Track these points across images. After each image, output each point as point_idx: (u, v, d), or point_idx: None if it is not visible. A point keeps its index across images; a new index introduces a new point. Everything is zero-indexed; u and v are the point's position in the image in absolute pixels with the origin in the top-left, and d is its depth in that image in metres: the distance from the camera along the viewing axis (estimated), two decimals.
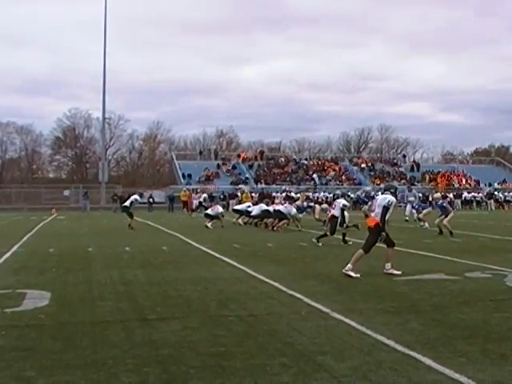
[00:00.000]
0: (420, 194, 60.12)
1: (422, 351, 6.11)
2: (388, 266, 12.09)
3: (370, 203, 16.60)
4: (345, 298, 9.33)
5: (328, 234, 18.94)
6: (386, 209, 11.94)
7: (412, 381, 5.28)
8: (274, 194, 53.04)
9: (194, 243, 18.96)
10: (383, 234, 11.96)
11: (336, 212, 19.16)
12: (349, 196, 52.80)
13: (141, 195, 33.99)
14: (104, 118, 68.05)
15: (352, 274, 11.55)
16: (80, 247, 17.71)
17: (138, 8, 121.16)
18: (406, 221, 31.15)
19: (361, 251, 11.84)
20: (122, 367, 5.66)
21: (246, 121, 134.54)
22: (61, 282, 11.07)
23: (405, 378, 5.35)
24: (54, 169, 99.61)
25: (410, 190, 36.44)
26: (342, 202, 20.46)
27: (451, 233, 21.36)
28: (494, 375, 5.43)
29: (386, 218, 12.16)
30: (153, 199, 54.78)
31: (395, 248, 12.58)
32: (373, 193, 55.65)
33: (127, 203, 28.27)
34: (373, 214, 12.04)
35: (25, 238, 21.35)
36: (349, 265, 11.78)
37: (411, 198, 34.23)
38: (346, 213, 20.04)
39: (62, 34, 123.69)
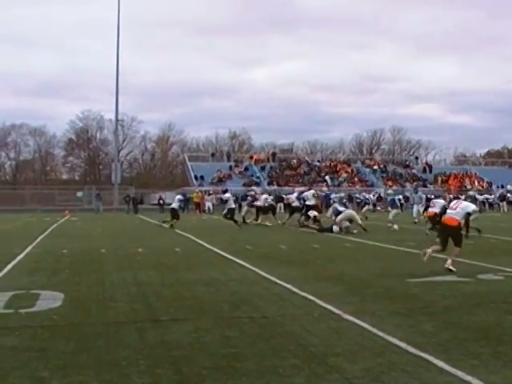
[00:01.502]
0: (432, 196, 60.22)
1: (434, 353, 6.09)
2: (449, 262, 12.72)
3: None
4: (357, 299, 9.31)
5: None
6: (468, 214, 14.05)
7: (424, 383, 5.27)
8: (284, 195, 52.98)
9: (206, 244, 18.98)
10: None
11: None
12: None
13: (184, 195, 34.72)
14: (117, 120, 68.29)
15: (452, 268, 12.52)
16: (93, 248, 17.77)
17: (150, 10, 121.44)
18: (415, 223, 31.07)
19: (458, 248, 12.96)
20: (135, 368, 5.68)
21: (258, 122, 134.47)
22: (74, 283, 11.11)
23: (417, 379, 5.34)
24: (67, 170, 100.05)
25: (416, 192, 36.38)
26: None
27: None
28: (506, 377, 5.41)
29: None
30: (163, 201, 54.83)
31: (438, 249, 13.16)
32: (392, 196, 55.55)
33: (174, 205, 29.78)
34: (451, 214, 13.19)
35: (38, 239, 21.45)
36: (449, 260, 12.75)
37: (417, 200, 34.22)
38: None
39: (75, 36, 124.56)
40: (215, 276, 11.87)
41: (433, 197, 59.17)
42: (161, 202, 54.48)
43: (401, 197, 56.78)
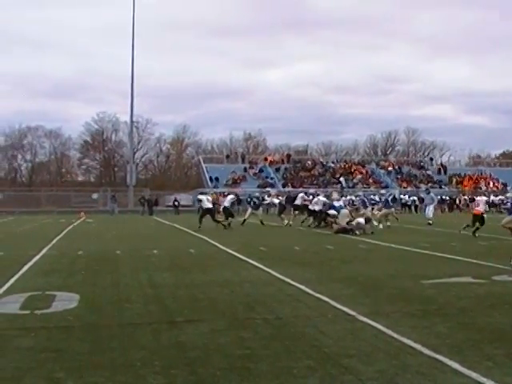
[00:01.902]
0: (447, 197, 60.04)
1: (448, 355, 6.07)
2: None
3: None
4: (371, 301, 9.30)
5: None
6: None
7: None
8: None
9: (220, 246, 19.01)
10: None
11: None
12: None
13: (236, 195, 35.20)
14: (132, 122, 68.60)
15: None
16: (108, 250, 17.84)
17: (164, 12, 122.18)
18: (429, 224, 30.94)
19: None
20: (150, 369, 5.70)
21: (273, 124, 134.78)
22: (89, 284, 11.16)
23: (431, 381, 5.32)
24: (83, 172, 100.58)
25: (428, 193, 36.34)
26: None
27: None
28: None
29: None
30: (178, 202, 54.98)
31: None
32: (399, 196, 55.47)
33: (226, 204, 30.43)
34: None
35: (54, 241, 21.55)
36: None
37: (429, 201, 34.14)
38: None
39: (89, 38, 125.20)
40: (229, 277, 11.89)
41: (446, 198, 59.23)
42: (176, 203, 54.68)
43: (415, 198, 57.11)
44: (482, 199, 24.07)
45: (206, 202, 28.78)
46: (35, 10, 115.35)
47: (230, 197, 32.47)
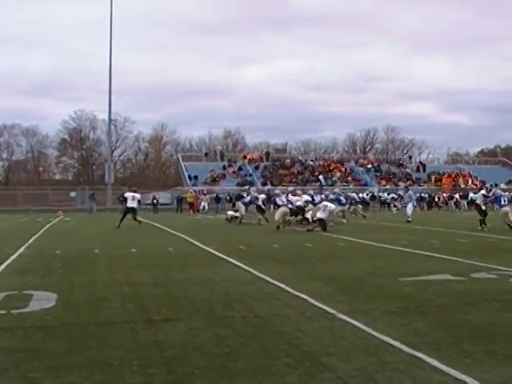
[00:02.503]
0: (426, 195, 60.37)
1: (427, 352, 6.09)
2: None
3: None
4: (350, 298, 9.31)
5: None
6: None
7: (418, 382, 5.26)
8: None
9: (199, 244, 18.97)
10: None
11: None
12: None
13: (267, 194, 35.66)
14: (110, 120, 68.21)
15: None
16: (86, 249, 17.72)
17: (142, 9, 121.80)
18: (408, 222, 31.15)
19: None
20: (128, 368, 5.67)
21: (252, 122, 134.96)
22: (67, 283, 11.08)
23: (410, 378, 5.33)
24: (61, 170, 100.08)
25: (407, 191, 36.68)
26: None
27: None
28: (500, 376, 5.41)
29: None
30: (157, 201, 54.84)
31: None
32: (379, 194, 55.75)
33: (259, 202, 31.52)
34: None
35: (31, 240, 21.39)
36: None
37: (408, 199, 34.45)
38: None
39: (67, 36, 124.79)
40: (208, 276, 11.85)
41: (425, 195, 59.54)
42: (154, 202, 54.52)
43: (395, 196, 57.40)
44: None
45: (131, 200, 28.89)
46: (12, 7, 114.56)
47: (261, 196, 32.69)
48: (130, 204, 28.68)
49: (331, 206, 25.93)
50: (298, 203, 28.83)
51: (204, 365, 5.76)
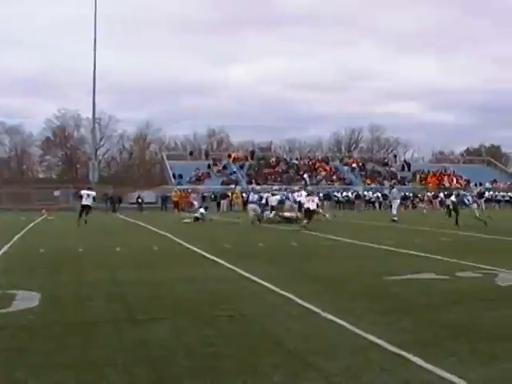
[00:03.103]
0: (411, 194, 60.53)
1: (412, 351, 6.10)
2: None
3: None
4: (336, 297, 9.34)
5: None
6: None
7: (402, 380, 5.29)
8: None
9: (185, 243, 18.93)
10: None
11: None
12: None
13: (312, 192, 36.28)
14: (94, 118, 67.81)
15: None
16: (70, 248, 17.65)
17: (126, 7, 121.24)
18: (394, 221, 31.29)
19: None
20: (113, 368, 5.65)
21: (237, 121, 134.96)
22: (51, 282, 11.03)
23: (395, 377, 5.36)
24: (44, 169, 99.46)
25: (392, 188, 37.02)
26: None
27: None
28: (484, 374, 5.44)
29: None
30: (141, 199, 54.75)
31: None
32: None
33: (274, 203, 32.25)
34: None
35: (15, 239, 21.27)
36: None
37: (393, 196, 34.70)
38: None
39: (51, 34, 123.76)
40: (194, 275, 11.84)
41: (410, 194, 59.68)
42: (139, 200, 54.43)
43: (380, 195, 57.57)
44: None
45: (86, 198, 29.37)
46: None
47: (276, 197, 33.03)
48: (85, 202, 29.04)
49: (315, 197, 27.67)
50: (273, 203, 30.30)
51: (190, 364, 5.76)
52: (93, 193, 30.14)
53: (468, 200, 29.19)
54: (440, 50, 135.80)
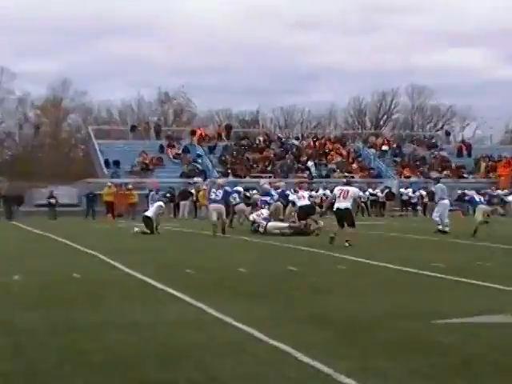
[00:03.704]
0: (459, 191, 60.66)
1: None
2: None
3: None
4: (357, 351, 9.25)
5: None
6: None
7: None
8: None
9: (123, 267, 18.87)
10: None
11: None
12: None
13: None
14: None
15: None
16: None
17: None
18: (444, 232, 31.37)
19: None
20: None
21: (203, 79, 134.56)
22: None
23: None
24: None
25: (437, 183, 36.71)
26: None
27: None
28: None
29: None
30: (56, 199, 54.43)
31: None
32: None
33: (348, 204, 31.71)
34: None
35: None
36: None
37: (439, 194, 34.75)
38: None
39: None
40: (136, 316, 11.77)
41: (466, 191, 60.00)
42: (52, 201, 54.14)
43: (424, 193, 57.75)
44: None
45: None
46: None
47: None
48: None
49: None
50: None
51: None
52: None
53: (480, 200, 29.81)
54: None
